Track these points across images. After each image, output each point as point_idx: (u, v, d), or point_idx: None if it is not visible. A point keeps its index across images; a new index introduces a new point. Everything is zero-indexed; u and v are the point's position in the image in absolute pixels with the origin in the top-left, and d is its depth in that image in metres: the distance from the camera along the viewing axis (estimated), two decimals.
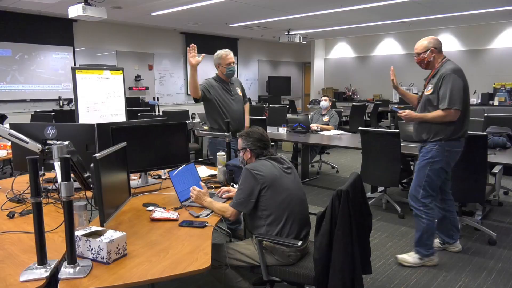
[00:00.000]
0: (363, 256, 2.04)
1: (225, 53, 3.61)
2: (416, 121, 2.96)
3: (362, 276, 1.88)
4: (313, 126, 5.66)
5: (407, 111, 2.92)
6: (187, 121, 3.03)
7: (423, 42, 2.93)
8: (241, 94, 3.78)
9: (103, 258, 1.56)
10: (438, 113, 2.79)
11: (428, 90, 2.88)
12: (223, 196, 2.48)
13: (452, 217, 3.18)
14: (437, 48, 2.90)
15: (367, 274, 2.14)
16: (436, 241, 3.33)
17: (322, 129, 5.66)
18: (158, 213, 2.10)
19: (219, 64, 3.65)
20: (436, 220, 3.02)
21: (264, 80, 13.46)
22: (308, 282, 2.04)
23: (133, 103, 8.35)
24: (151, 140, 2.75)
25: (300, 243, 2.01)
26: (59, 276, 1.44)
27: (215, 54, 3.65)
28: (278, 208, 2.12)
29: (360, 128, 4.12)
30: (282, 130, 5.63)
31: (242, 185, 2.17)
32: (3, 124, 3.86)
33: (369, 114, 9.18)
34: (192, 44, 3.25)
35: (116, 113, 6.21)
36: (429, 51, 2.89)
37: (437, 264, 3.05)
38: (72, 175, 1.53)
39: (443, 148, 2.84)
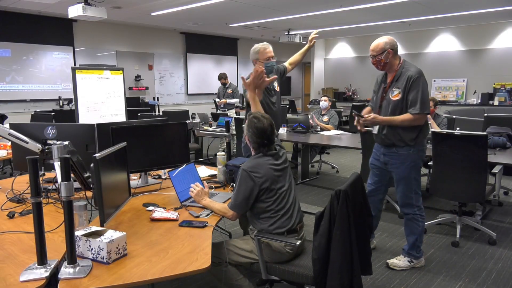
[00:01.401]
0: (363, 257, 2.03)
1: (263, 46, 3.11)
2: (382, 125, 2.87)
3: (361, 277, 1.87)
4: (313, 118, 5.71)
5: (373, 115, 2.82)
6: (187, 121, 3.03)
7: (380, 43, 2.81)
8: (278, 89, 3.31)
9: (103, 258, 1.55)
10: (407, 116, 2.72)
11: (395, 95, 2.79)
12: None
13: (377, 217, 3.23)
14: (394, 49, 2.79)
15: (367, 275, 2.13)
16: None
17: (322, 129, 5.67)
18: (158, 213, 2.10)
19: (256, 60, 3.13)
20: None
21: None
22: (307, 282, 2.04)
23: (133, 103, 8.35)
24: (151, 140, 2.75)
25: (298, 242, 2.03)
26: (59, 276, 1.44)
27: (252, 48, 3.15)
28: (273, 206, 2.12)
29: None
30: (282, 130, 5.62)
31: (240, 186, 2.13)
32: (3, 124, 3.86)
33: None
34: (261, 68, 2.65)
35: (116, 113, 6.21)
36: (385, 52, 2.77)
37: (425, 265, 3.05)
38: (72, 175, 1.54)
39: (417, 150, 2.83)
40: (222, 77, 7.76)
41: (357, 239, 1.93)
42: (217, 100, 7.93)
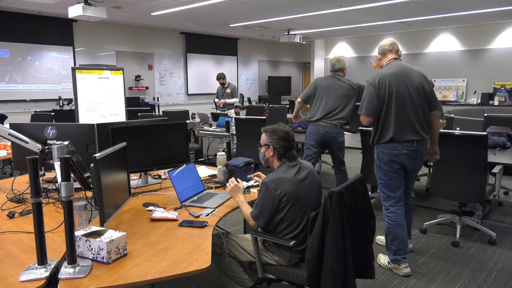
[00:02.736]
0: (364, 260, 2.01)
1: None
2: None
3: (355, 279, 1.84)
4: None
5: None
6: (187, 121, 3.04)
7: None
8: None
9: (103, 258, 1.55)
10: None
11: None
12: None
13: (406, 219, 3.04)
14: (380, 53, 3.01)
15: (369, 279, 2.11)
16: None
17: None
18: (158, 213, 2.10)
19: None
20: (399, 226, 2.87)
21: (264, 80, 13.47)
22: (303, 282, 2.03)
23: (133, 103, 8.35)
24: (151, 140, 2.75)
25: (292, 242, 1.99)
26: (59, 276, 1.44)
27: (338, 58, 4.18)
28: (292, 220, 2.08)
29: (360, 128, 4.11)
30: None
31: (260, 199, 2.11)
32: (3, 124, 3.86)
33: None
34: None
35: (116, 113, 6.21)
36: (376, 57, 3.06)
37: (408, 276, 2.89)
38: (72, 175, 1.54)
39: (379, 151, 2.90)
40: (221, 77, 7.76)
41: (356, 242, 1.92)
42: (216, 100, 7.93)
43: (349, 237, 1.81)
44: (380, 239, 3.45)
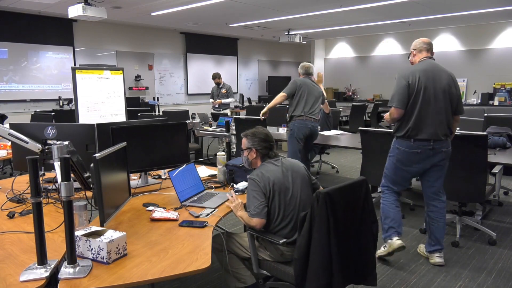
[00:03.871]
0: (365, 265, 1.99)
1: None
2: None
3: (341, 284, 1.82)
4: None
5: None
6: (187, 121, 3.04)
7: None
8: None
9: (103, 258, 1.55)
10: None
11: None
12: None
13: (434, 226, 3.01)
14: (416, 49, 3.00)
15: (370, 286, 2.10)
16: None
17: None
18: (158, 213, 2.10)
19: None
20: (392, 206, 3.05)
21: (264, 80, 13.48)
22: (293, 281, 2.03)
23: (133, 103, 8.35)
24: (151, 140, 2.75)
25: (282, 241, 2.00)
26: (59, 276, 1.44)
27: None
28: (279, 210, 2.11)
29: (360, 128, 4.13)
30: (282, 130, 5.63)
31: (250, 193, 2.13)
32: (3, 124, 3.87)
33: (369, 114, 9.19)
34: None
35: (116, 113, 6.21)
36: (411, 53, 3.05)
37: (400, 247, 2.91)
38: (72, 175, 1.54)
39: (395, 146, 2.98)
40: (216, 76, 7.77)
41: (356, 246, 1.90)
42: (211, 100, 7.94)
43: (335, 240, 1.77)
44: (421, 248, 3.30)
